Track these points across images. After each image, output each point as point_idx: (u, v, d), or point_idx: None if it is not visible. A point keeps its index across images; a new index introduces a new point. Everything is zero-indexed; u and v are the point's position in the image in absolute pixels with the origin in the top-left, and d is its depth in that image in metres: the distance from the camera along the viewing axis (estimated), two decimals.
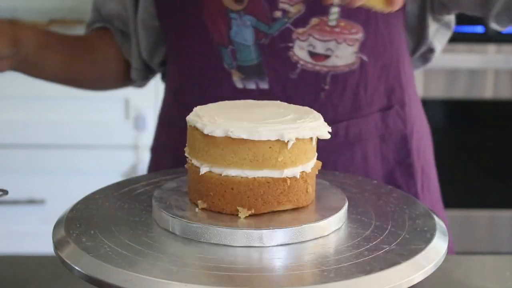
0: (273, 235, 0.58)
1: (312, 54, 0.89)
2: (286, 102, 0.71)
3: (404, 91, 0.95)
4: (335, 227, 0.62)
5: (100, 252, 0.56)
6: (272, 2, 0.87)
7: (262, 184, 0.61)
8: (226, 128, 0.60)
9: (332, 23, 0.88)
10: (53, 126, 2.02)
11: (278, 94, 0.89)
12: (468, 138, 2.29)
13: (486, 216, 2.29)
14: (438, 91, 2.21)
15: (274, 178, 0.61)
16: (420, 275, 0.55)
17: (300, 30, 0.88)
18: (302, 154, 0.62)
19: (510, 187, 2.30)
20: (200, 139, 0.62)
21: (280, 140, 0.60)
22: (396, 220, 0.64)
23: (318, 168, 0.66)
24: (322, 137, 0.63)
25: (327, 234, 0.61)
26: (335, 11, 0.87)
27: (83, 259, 0.56)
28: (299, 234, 0.59)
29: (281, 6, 0.87)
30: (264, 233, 0.58)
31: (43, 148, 2.06)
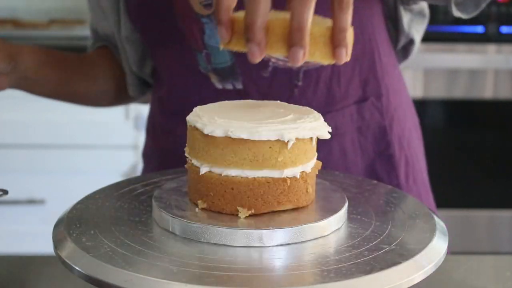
0: (273, 235, 0.58)
1: None
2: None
3: (379, 82, 0.94)
4: (335, 227, 0.62)
5: (100, 252, 0.56)
6: (239, 4, 0.87)
7: (262, 184, 0.61)
8: (226, 128, 0.60)
9: None
10: (53, 126, 2.02)
11: (253, 93, 0.90)
12: (468, 138, 2.29)
13: (486, 216, 2.29)
14: (438, 91, 2.21)
15: (274, 178, 0.61)
16: (420, 275, 0.55)
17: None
18: (302, 154, 0.62)
19: (510, 187, 2.30)
20: (200, 139, 0.62)
21: (280, 140, 0.60)
22: (396, 220, 0.64)
23: (318, 168, 0.66)
24: (322, 137, 0.63)
25: (327, 234, 0.61)
26: None
27: (83, 259, 0.56)
28: (299, 234, 0.59)
29: None
30: (264, 233, 0.58)
31: (43, 148, 2.06)
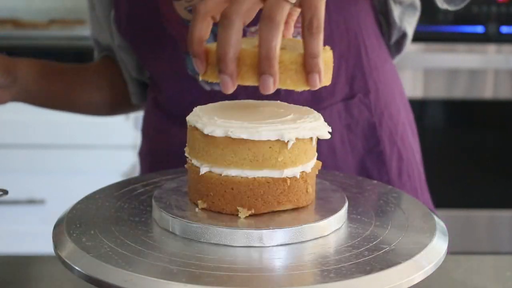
0: (273, 235, 0.58)
1: None
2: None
3: (367, 78, 0.94)
4: (335, 227, 0.62)
5: (100, 252, 0.56)
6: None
7: (262, 184, 0.61)
8: (226, 128, 0.60)
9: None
10: (53, 126, 2.02)
11: (240, 94, 0.90)
12: (468, 138, 2.29)
13: (486, 216, 2.29)
14: (438, 91, 2.21)
15: (274, 178, 0.61)
16: (420, 275, 0.55)
17: (252, 29, 0.87)
18: (302, 154, 0.62)
19: (510, 187, 2.30)
20: (200, 139, 0.62)
21: (280, 140, 0.60)
22: (396, 220, 0.64)
23: (318, 168, 0.66)
24: (322, 137, 0.63)
25: (327, 234, 0.60)
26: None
27: (83, 259, 0.56)
28: (299, 234, 0.59)
29: None
30: (264, 233, 0.58)
31: (43, 148, 2.06)
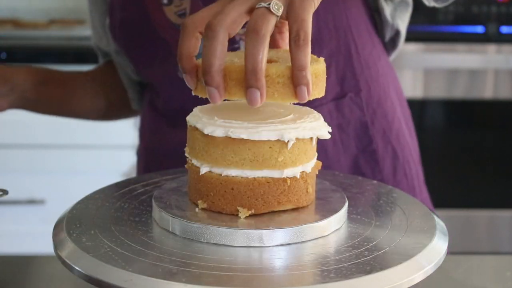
0: (273, 235, 0.58)
1: None
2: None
3: (357, 77, 0.93)
4: (335, 227, 0.62)
5: (100, 252, 0.56)
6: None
7: (262, 184, 0.61)
8: (226, 128, 0.60)
9: None
10: (53, 126, 2.02)
11: None
12: (468, 138, 2.29)
13: (486, 216, 2.29)
14: (438, 91, 2.21)
15: (274, 178, 0.61)
16: (420, 275, 0.55)
17: (241, 31, 0.87)
18: (302, 154, 0.62)
19: (510, 187, 2.30)
20: (200, 139, 0.62)
21: (280, 140, 0.60)
22: (396, 220, 0.64)
23: (318, 168, 0.66)
24: (322, 137, 0.63)
25: (327, 234, 0.60)
26: None
27: (83, 259, 0.56)
28: (299, 234, 0.59)
29: None
30: (264, 233, 0.58)
31: (43, 148, 2.06)
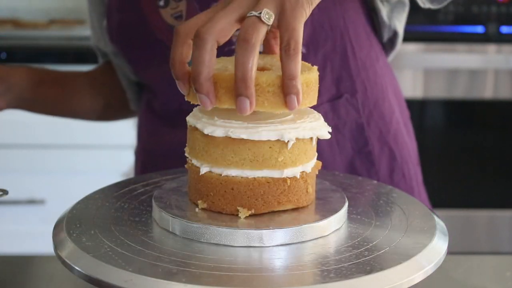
0: (273, 235, 0.58)
1: None
2: None
3: (354, 78, 0.93)
4: (335, 227, 0.62)
5: (100, 252, 0.56)
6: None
7: (262, 184, 0.61)
8: (226, 128, 0.60)
9: None
10: (53, 126, 2.02)
11: None
12: (468, 138, 2.29)
13: (486, 216, 2.29)
14: (438, 91, 2.21)
15: (274, 178, 0.61)
16: (420, 275, 0.55)
17: (237, 33, 0.88)
18: (302, 154, 0.62)
19: (510, 187, 2.30)
20: (200, 139, 0.62)
21: (280, 140, 0.60)
22: (396, 220, 0.64)
23: (318, 168, 0.66)
24: (322, 137, 0.63)
25: (327, 234, 0.60)
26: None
27: (83, 259, 0.56)
28: (299, 234, 0.59)
29: None
30: (264, 233, 0.58)
31: (43, 148, 2.06)
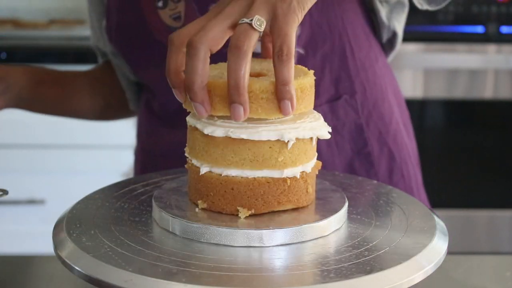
0: (273, 235, 0.58)
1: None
2: None
3: (353, 79, 0.92)
4: (335, 227, 0.62)
5: (100, 252, 0.56)
6: (205, 13, 0.87)
7: (262, 184, 0.61)
8: (226, 128, 0.60)
9: None
10: (53, 126, 2.02)
11: None
12: (468, 138, 2.29)
13: (486, 216, 2.29)
14: (438, 91, 2.21)
15: (274, 178, 0.61)
16: (420, 275, 0.55)
17: None
18: (302, 154, 0.62)
19: (510, 187, 2.30)
20: (200, 139, 0.62)
21: (280, 140, 0.60)
22: (396, 220, 0.64)
23: (318, 168, 0.66)
24: (322, 137, 0.63)
25: (327, 234, 0.60)
26: None
27: (83, 259, 0.56)
28: (299, 234, 0.59)
29: None
30: (264, 233, 0.58)
31: (43, 148, 2.06)
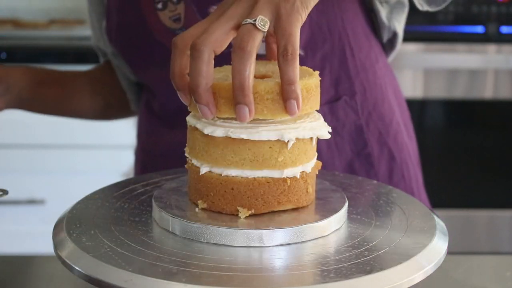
0: (273, 235, 0.58)
1: None
2: None
3: (352, 80, 0.92)
4: (335, 227, 0.62)
5: (100, 252, 0.56)
6: (205, 15, 0.86)
7: (262, 184, 0.61)
8: (226, 128, 0.60)
9: None
10: (53, 126, 2.02)
11: None
12: (468, 138, 2.29)
13: (486, 216, 2.29)
14: (438, 91, 2.21)
15: (274, 178, 0.61)
16: (420, 275, 0.55)
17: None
18: (302, 154, 0.62)
19: (510, 187, 2.30)
20: (200, 139, 0.62)
21: (280, 140, 0.60)
22: (396, 220, 0.64)
23: (318, 168, 0.66)
24: (322, 137, 0.63)
25: (327, 234, 0.60)
26: None
27: (83, 259, 0.56)
28: (299, 234, 0.59)
29: None
30: (264, 233, 0.58)
31: (43, 148, 2.06)
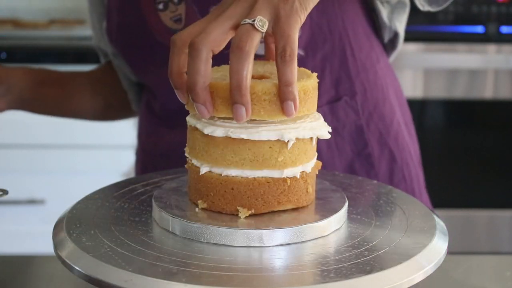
0: (273, 235, 0.58)
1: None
2: None
3: (353, 80, 0.92)
4: (335, 227, 0.62)
5: (100, 252, 0.56)
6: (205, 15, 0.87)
7: (262, 184, 0.61)
8: (226, 128, 0.60)
9: None
10: (53, 126, 2.02)
11: None
12: (468, 138, 2.29)
13: (486, 216, 2.29)
14: (438, 91, 2.21)
15: (274, 178, 0.61)
16: (420, 275, 0.55)
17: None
18: (302, 154, 0.62)
19: (510, 187, 2.30)
20: (200, 139, 0.62)
21: (280, 140, 0.60)
22: (396, 220, 0.64)
23: (318, 168, 0.66)
24: (322, 137, 0.63)
25: (327, 234, 0.60)
26: None
27: (83, 259, 0.56)
28: (299, 234, 0.59)
29: None
30: (264, 233, 0.58)
31: (43, 148, 2.06)
